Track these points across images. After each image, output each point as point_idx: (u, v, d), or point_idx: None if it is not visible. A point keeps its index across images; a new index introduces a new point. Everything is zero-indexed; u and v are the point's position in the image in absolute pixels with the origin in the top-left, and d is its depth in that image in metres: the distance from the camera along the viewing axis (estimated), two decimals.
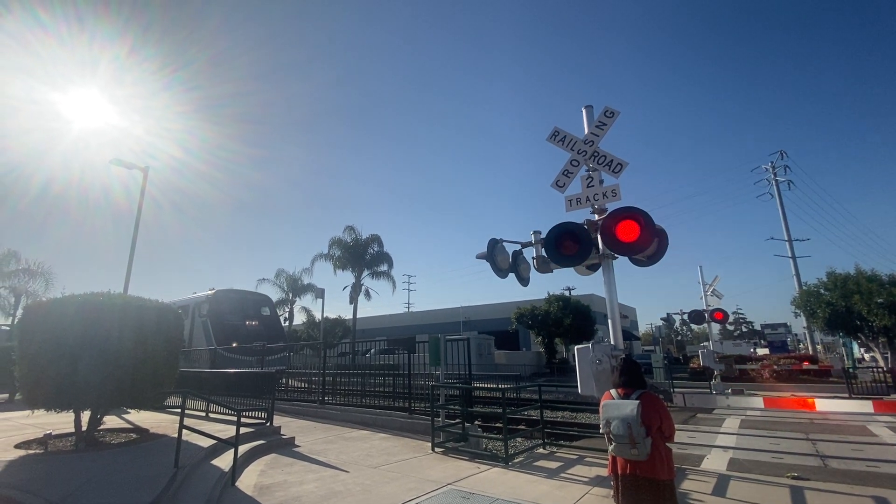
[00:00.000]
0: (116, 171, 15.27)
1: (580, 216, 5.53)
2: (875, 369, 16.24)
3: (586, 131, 5.55)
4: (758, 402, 13.86)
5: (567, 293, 38.87)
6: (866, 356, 31.01)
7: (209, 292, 20.70)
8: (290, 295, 38.48)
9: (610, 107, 5.50)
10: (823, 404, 12.84)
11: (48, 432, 7.43)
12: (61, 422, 8.23)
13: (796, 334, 47.50)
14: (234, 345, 16.41)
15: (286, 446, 7.94)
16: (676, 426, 3.63)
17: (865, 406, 12.15)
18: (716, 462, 7.31)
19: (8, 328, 25.92)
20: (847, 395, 13.99)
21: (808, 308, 22.54)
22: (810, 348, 29.24)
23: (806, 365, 22.19)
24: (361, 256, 33.22)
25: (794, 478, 6.02)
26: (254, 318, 20.63)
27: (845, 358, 26.26)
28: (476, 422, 9.52)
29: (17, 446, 6.74)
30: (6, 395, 14.85)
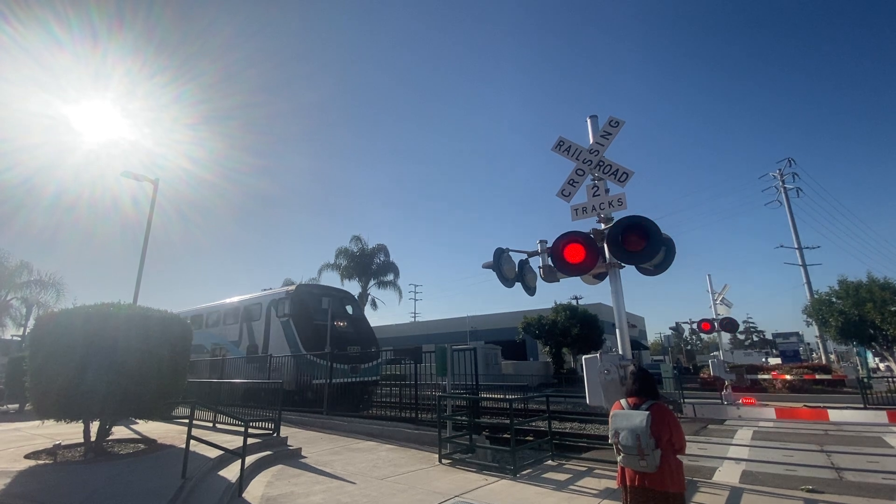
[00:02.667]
0: (126, 182, 15.47)
1: (586, 225, 5.53)
2: (890, 379, 15.91)
3: (591, 141, 5.57)
4: (770, 412, 13.62)
5: (574, 302, 38.64)
6: (881, 365, 30.40)
7: (288, 288, 17.46)
8: None
9: (615, 116, 5.53)
10: (837, 415, 12.58)
11: (57, 442, 7.48)
12: (70, 432, 8.28)
13: (808, 343, 46.78)
14: (326, 349, 13.71)
15: (293, 457, 7.92)
16: (687, 437, 3.58)
17: (881, 417, 11.88)
18: (728, 474, 7.17)
19: (19, 339, 26.21)
20: (862, 406, 13.71)
21: (820, 317, 22.23)
22: (823, 358, 28.75)
23: (819, 375, 21.81)
24: (368, 266, 33.32)
25: (809, 491, 5.89)
26: (341, 317, 17.10)
27: (860, 367, 25.77)
28: (483, 433, 9.44)
29: (27, 456, 6.78)
30: (17, 406, 14.98)
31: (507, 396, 16.61)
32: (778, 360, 34.13)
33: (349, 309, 18.28)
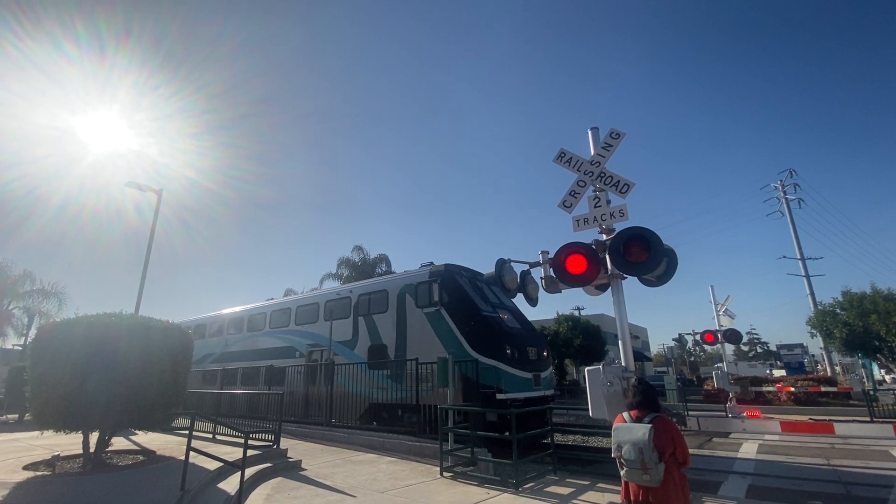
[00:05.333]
0: (130, 191, 15.50)
1: (588, 236, 5.53)
2: None
3: (592, 152, 5.59)
4: (775, 425, 13.46)
5: (577, 313, 38.44)
6: (887, 377, 30.10)
7: (432, 268, 12.53)
8: None
9: (615, 128, 5.56)
10: (844, 428, 12.43)
11: (56, 454, 7.43)
12: (70, 443, 8.23)
13: (813, 355, 46.36)
14: (508, 351, 10.72)
15: (293, 469, 7.84)
16: (691, 451, 3.54)
17: (887, 430, 11.74)
18: (734, 489, 7.07)
19: (20, 348, 26.18)
20: (868, 419, 13.54)
21: (824, 328, 22.06)
22: (829, 369, 28.47)
23: (825, 387, 21.57)
24: (369, 276, 33.31)
25: None
26: (503, 307, 12.73)
27: (865, 379, 25.52)
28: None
29: (26, 468, 6.74)
30: (16, 416, 14.92)
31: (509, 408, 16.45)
32: (783, 372, 33.81)
33: (502, 299, 13.17)
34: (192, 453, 5.94)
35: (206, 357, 18.77)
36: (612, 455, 3.43)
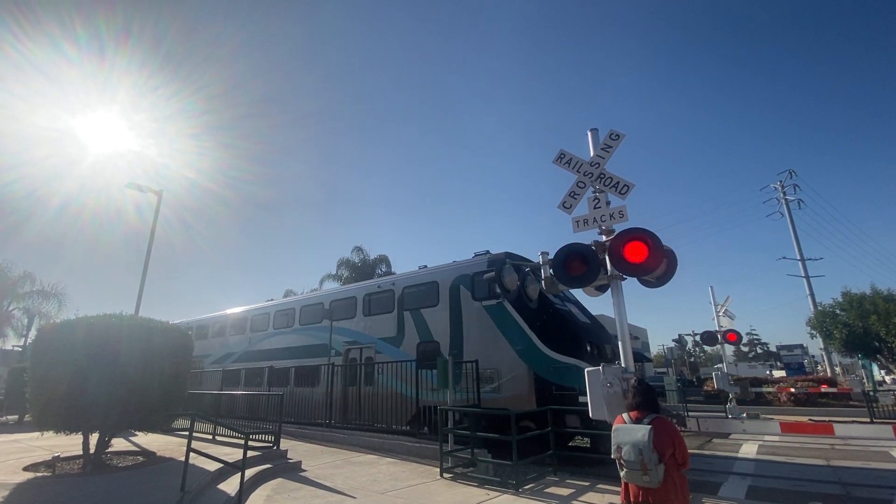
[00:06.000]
0: (130, 192, 15.47)
1: (588, 237, 5.53)
2: None
3: (592, 153, 5.60)
4: (775, 426, 13.46)
5: None
6: (887, 378, 30.08)
7: (485, 255, 11.56)
8: None
9: (615, 130, 5.57)
10: (844, 429, 12.43)
11: (56, 455, 7.44)
12: (70, 444, 8.23)
13: (813, 356, 46.34)
14: (588, 348, 9.97)
15: (293, 470, 7.84)
16: (691, 452, 3.55)
17: (887, 431, 11.74)
18: (734, 489, 7.07)
19: (20, 349, 26.19)
20: (868, 420, 13.55)
21: (824, 329, 22.07)
22: (828, 370, 28.48)
23: (824, 388, 21.59)
24: (369, 277, 33.29)
25: None
26: (567, 300, 12.01)
27: (865, 380, 25.51)
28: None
29: (26, 469, 6.74)
30: (16, 417, 14.92)
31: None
32: (783, 373, 33.81)
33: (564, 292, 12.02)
34: (192, 454, 5.95)
35: (227, 356, 17.83)
36: (612, 456, 3.43)
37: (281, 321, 16.28)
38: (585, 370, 4.70)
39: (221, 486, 6.29)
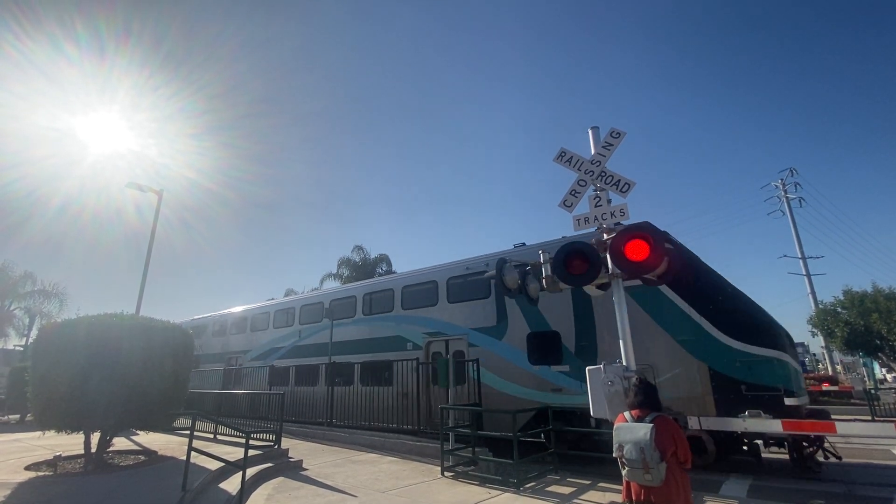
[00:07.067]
0: (130, 192, 15.46)
1: (589, 236, 5.51)
2: None
3: (593, 151, 5.59)
4: (777, 424, 13.43)
5: None
6: (888, 376, 30.08)
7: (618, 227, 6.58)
8: None
9: (616, 128, 5.56)
10: (845, 427, 12.39)
11: (58, 454, 7.45)
12: (71, 443, 8.24)
13: (814, 354, 46.35)
14: (787, 339, 8.58)
15: (294, 469, 7.85)
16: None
17: (888, 429, 11.70)
18: (735, 488, 7.07)
19: (22, 349, 26.23)
20: (870, 418, 13.53)
21: (825, 327, 22.06)
22: (830, 368, 28.47)
23: (826, 386, 21.57)
24: (370, 276, 33.33)
25: None
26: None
27: (866, 378, 25.50)
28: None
29: (27, 468, 6.75)
30: (18, 416, 14.95)
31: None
32: None
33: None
34: (193, 453, 5.95)
35: (272, 352, 16.06)
36: (614, 455, 3.43)
37: (340, 311, 14.34)
38: (587, 368, 4.69)
39: (223, 485, 6.29)
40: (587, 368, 4.70)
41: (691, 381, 7.97)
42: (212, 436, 9.86)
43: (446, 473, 7.51)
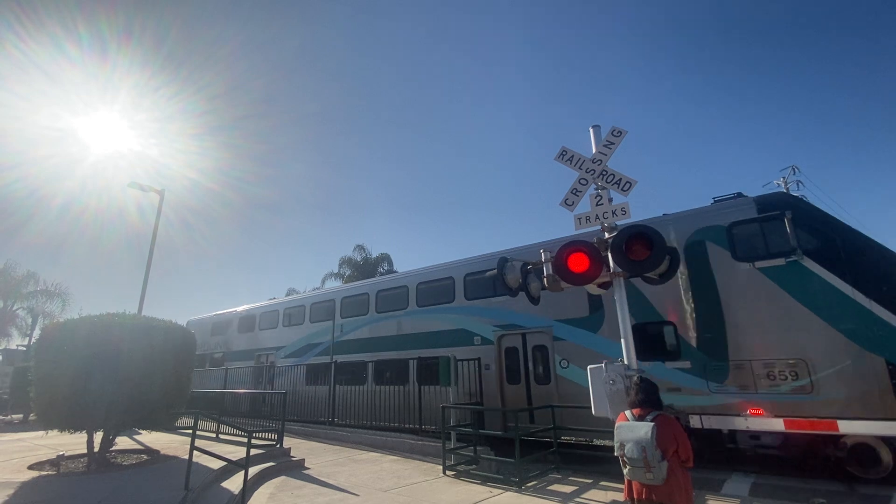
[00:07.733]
0: (132, 192, 15.47)
1: (590, 235, 5.51)
2: None
3: (594, 150, 5.59)
4: (779, 423, 13.40)
5: None
6: None
7: (735, 198, 8.59)
8: None
9: (617, 126, 5.55)
10: (847, 426, 12.37)
11: (61, 453, 7.47)
12: (74, 443, 8.27)
13: None
14: None
15: (296, 468, 7.87)
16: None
17: (891, 428, 11.67)
18: (737, 487, 7.06)
19: (24, 348, 26.33)
20: None
21: None
22: None
23: None
24: (371, 275, 33.32)
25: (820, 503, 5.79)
26: None
27: None
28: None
29: (31, 467, 6.78)
30: (21, 416, 15.02)
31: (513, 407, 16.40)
32: None
33: None
34: (195, 452, 5.97)
35: (309, 349, 14.81)
36: (615, 453, 3.43)
37: (387, 303, 13.19)
38: (588, 367, 4.69)
39: (225, 484, 6.31)
40: (588, 367, 4.70)
41: (865, 378, 6.82)
42: (214, 435, 9.89)
43: (448, 472, 7.52)
